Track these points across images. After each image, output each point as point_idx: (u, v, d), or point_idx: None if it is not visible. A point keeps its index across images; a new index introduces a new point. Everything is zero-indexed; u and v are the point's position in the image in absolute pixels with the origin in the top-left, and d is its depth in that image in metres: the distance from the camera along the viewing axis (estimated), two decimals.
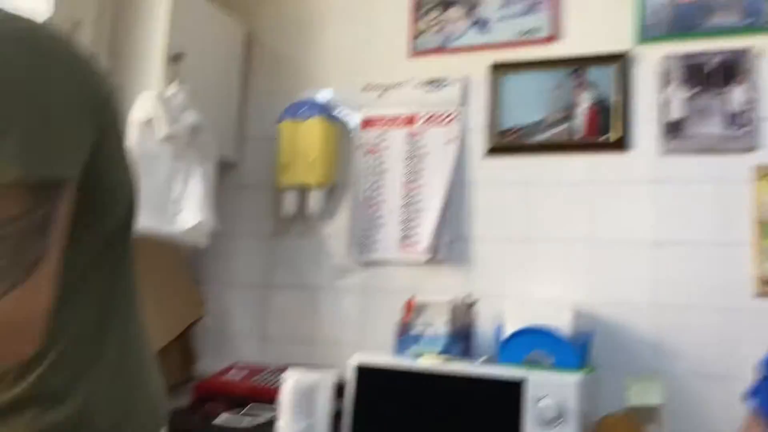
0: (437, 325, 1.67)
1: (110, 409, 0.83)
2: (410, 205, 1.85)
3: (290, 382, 1.42)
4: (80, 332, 0.82)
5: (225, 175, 2.04)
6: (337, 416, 1.53)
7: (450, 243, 1.81)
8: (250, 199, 2.08)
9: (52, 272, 0.74)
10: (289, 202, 1.96)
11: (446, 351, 1.59)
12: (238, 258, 2.06)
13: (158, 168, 1.73)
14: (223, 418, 1.59)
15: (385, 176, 1.90)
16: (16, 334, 0.72)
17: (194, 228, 1.74)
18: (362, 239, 1.90)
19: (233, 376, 1.81)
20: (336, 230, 1.96)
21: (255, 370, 1.83)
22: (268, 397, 1.69)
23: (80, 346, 0.81)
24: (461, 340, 1.66)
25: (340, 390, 1.54)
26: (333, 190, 1.97)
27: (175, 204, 1.74)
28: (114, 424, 0.84)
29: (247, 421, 1.56)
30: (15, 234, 0.69)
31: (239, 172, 2.10)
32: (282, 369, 1.79)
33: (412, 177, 1.86)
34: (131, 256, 0.90)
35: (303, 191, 1.95)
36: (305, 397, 1.42)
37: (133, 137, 1.70)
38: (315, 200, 1.93)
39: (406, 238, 1.85)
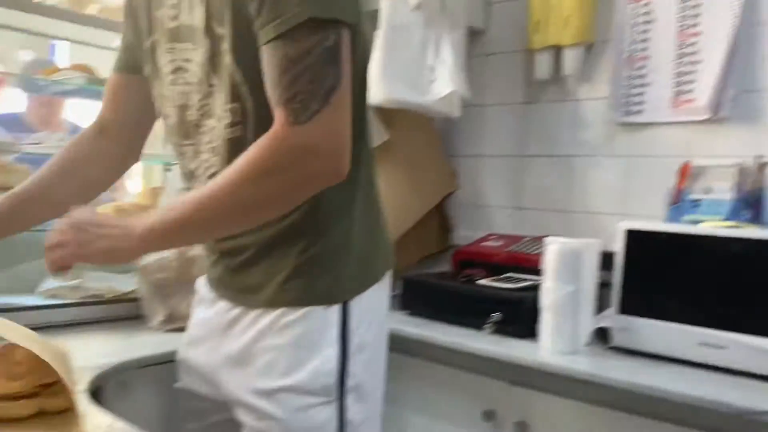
0: (719, 190, 1.48)
1: (362, 243, 0.97)
2: (685, 57, 1.62)
3: (554, 247, 1.37)
4: None
5: (472, 43, 1.98)
6: (600, 287, 1.47)
7: (735, 97, 1.56)
8: (499, 66, 1.99)
9: (346, 99, 0.84)
10: (542, 65, 1.83)
11: (731, 218, 1.40)
12: (490, 128, 2.02)
13: (411, 38, 1.72)
14: (485, 282, 1.61)
15: (654, 26, 1.67)
16: (325, 156, 0.83)
17: (447, 98, 1.73)
18: (626, 100, 1.73)
19: (491, 244, 1.82)
20: (595, 92, 1.80)
21: (511, 240, 1.82)
22: (526, 264, 1.67)
23: (338, 189, 0.90)
24: (750, 206, 1.45)
25: (602, 261, 1.46)
26: (591, 47, 1.79)
27: (429, 74, 1.73)
28: (366, 255, 0.97)
29: (509, 285, 1.56)
30: (313, 64, 0.81)
31: (487, 39, 2.01)
32: (538, 239, 1.76)
33: (688, 23, 1.61)
34: (368, 118, 1.00)
35: (557, 52, 1.81)
36: (570, 262, 1.36)
37: (385, 8, 1.70)
38: (571, 61, 1.78)
39: (679, 95, 1.63)
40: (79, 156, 1.10)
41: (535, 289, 1.48)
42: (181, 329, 1.18)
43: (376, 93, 1.68)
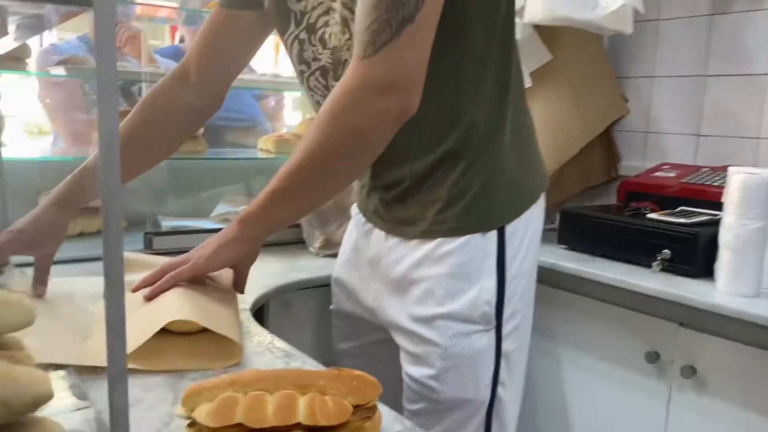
0: None
1: (515, 167, 0.95)
2: None
3: (739, 178, 1.22)
4: (487, 103, 0.91)
5: None
6: None
7: None
8: None
9: (422, 35, 0.79)
10: None
11: None
12: (666, 45, 1.82)
13: None
14: (655, 216, 1.49)
15: None
16: (391, 92, 0.79)
17: (618, 12, 1.56)
18: None
19: (663, 174, 1.67)
20: None
21: (687, 170, 1.65)
22: (703, 197, 1.52)
23: (487, 115, 0.90)
24: None
25: None
26: None
27: None
28: (519, 180, 0.96)
29: (682, 220, 1.42)
30: None
31: None
32: (718, 169, 1.59)
33: None
34: (516, 46, 0.94)
35: None
36: (758, 195, 1.20)
37: None
38: None
39: None
40: (155, 109, 1.08)
41: (712, 224, 1.34)
42: (337, 255, 1.22)
43: (538, 10, 1.56)
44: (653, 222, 1.45)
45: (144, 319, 0.81)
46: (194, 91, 1.08)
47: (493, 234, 0.92)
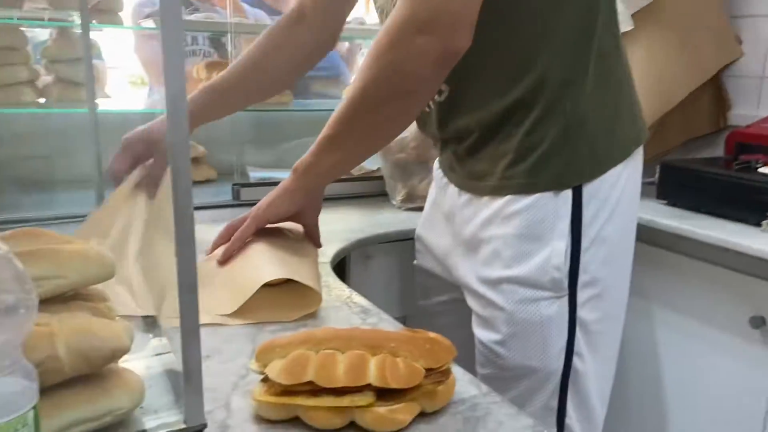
0: None
1: (598, 120, 0.85)
2: None
3: None
4: (564, 45, 0.82)
5: None
6: None
7: None
8: None
9: None
10: None
11: None
12: None
13: None
14: (767, 170, 1.36)
15: None
16: (431, 30, 0.73)
17: None
18: None
19: None
20: None
21: None
22: None
23: (564, 59, 0.82)
24: None
25: None
26: None
27: None
28: (602, 134, 0.86)
29: None
30: None
31: None
32: None
33: None
34: None
35: None
36: None
37: None
38: None
39: None
40: (272, 46, 1.10)
41: None
42: (419, 208, 1.20)
43: None
44: (765, 177, 1.33)
45: (239, 279, 0.83)
46: (310, 30, 1.09)
47: (568, 193, 0.85)
